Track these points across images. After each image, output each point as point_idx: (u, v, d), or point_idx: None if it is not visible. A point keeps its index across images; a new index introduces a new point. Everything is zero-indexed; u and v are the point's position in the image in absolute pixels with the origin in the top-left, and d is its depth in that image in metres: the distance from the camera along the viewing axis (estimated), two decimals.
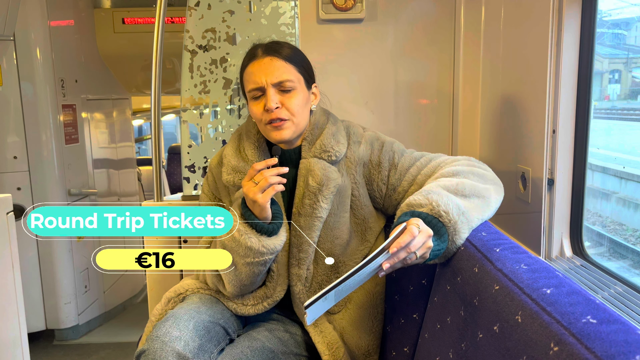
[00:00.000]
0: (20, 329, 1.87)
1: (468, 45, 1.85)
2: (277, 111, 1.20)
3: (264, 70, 1.21)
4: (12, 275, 1.82)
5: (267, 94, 1.20)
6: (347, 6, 1.81)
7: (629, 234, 2.06)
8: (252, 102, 1.24)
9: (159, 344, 1.08)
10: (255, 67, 1.23)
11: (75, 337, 3.15)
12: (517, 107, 1.55)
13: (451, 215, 1.04)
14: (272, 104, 1.19)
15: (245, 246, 1.15)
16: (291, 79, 1.22)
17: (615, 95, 2.01)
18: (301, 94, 1.24)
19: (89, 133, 3.39)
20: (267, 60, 1.22)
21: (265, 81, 1.21)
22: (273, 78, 1.21)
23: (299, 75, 1.24)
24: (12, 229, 1.83)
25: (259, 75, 1.21)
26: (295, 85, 1.23)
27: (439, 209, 1.04)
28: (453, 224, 1.04)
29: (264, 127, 1.24)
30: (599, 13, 1.32)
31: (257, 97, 1.23)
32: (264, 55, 1.23)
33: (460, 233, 1.05)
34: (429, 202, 1.06)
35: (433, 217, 1.05)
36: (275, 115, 1.20)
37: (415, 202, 1.08)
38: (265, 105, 1.20)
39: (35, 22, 2.87)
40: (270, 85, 1.21)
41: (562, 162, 1.37)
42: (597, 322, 0.65)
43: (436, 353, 1.02)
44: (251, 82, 1.23)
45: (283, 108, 1.21)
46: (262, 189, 1.12)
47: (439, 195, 1.07)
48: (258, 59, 1.23)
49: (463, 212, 1.06)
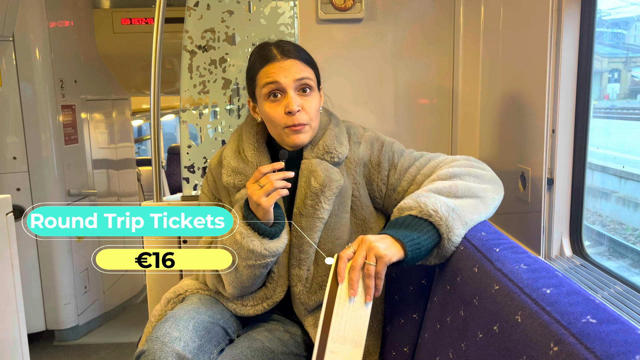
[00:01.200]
0: (20, 330, 1.87)
1: (467, 45, 1.85)
2: (299, 114, 1.19)
3: (285, 70, 1.19)
4: (12, 275, 1.82)
5: (289, 95, 1.18)
6: (346, 6, 1.81)
7: (628, 233, 2.07)
8: (269, 104, 1.21)
9: (158, 345, 1.08)
10: (274, 67, 1.19)
11: (75, 337, 3.15)
12: (516, 106, 1.55)
13: (440, 213, 1.05)
14: (295, 106, 1.17)
15: (247, 249, 1.15)
16: (309, 78, 1.21)
17: (615, 95, 2.02)
18: (317, 96, 1.24)
19: (89, 133, 3.39)
20: (287, 62, 1.19)
21: (286, 81, 1.18)
22: (295, 75, 1.19)
23: (314, 77, 1.24)
24: (12, 230, 1.83)
25: (280, 74, 1.18)
26: (313, 85, 1.22)
27: (427, 208, 1.05)
28: (444, 221, 1.04)
29: (280, 131, 1.22)
30: (598, 12, 1.32)
31: (274, 99, 1.20)
32: (283, 58, 1.20)
33: (454, 229, 1.05)
34: (418, 204, 1.07)
35: (421, 218, 1.06)
36: (297, 120, 1.18)
37: (405, 206, 1.10)
38: (286, 107, 1.18)
39: (34, 22, 2.87)
40: (292, 85, 1.18)
41: (561, 161, 1.37)
42: (597, 322, 0.65)
43: (436, 353, 1.02)
44: (269, 79, 1.19)
45: (302, 112, 1.20)
46: (267, 193, 1.12)
47: (427, 198, 1.08)
48: (277, 61, 1.20)
49: (453, 209, 1.06)
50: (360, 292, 1.02)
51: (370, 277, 1.01)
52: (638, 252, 1.88)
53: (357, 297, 1.01)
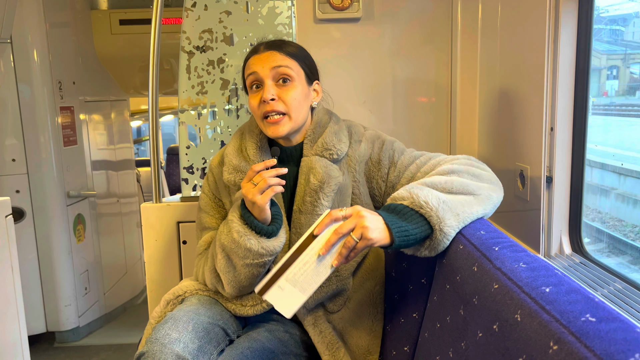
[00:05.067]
0: (21, 332, 1.87)
1: (465, 43, 1.84)
2: (273, 103, 1.21)
3: (263, 60, 1.23)
4: (12, 278, 1.82)
5: (265, 85, 1.22)
6: (343, 5, 1.81)
7: (628, 229, 2.07)
8: (251, 95, 1.26)
9: (158, 347, 1.08)
10: (255, 59, 1.25)
11: (75, 339, 3.15)
12: (515, 104, 1.55)
13: (431, 204, 1.05)
14: (268, 95, 1.20)
15: (245, 248, 1.15)
16: (289, 67, 1.23)
17: (613, 92, 2.01)
18: (300, 87, 1.24)
19: (88, 135, 3.38)
20: (268, 53, 1.24)
21: (263, 70, 1.22)
22: (272, 64, 1.22)
23: (299, 69, 1.25)
24: (11, 232, 1.83)
25: (258, 64, 1.23)
26: (293, 76, 1.23)
27: (419, 199, 1.05)
28: (435, 212, 1.04)
29: (261, 123, 1.25)
30: (596, 9, 1.31)
31: (255, 90, 1.24)
32: (265, 50, 1.25)
33: (445, 220, 1.04)
34: (410, 195, 1.07)
35: (412, 209, 1.06)
36: (270, 108, 1.21)
37: (398, 196, 1.10)
38: (261, 96, 1.21)
39: (32, 24, 2.86)
40: (268, 74, 1.22)
41: (560, 159, 1.36)
42: (596, 320, 0.65)
43: (436, 352, 1.02)
44: (249, 71, 1.25)
45: (279, 101, 1.22)
46: (261, 190, 1.12)
47: (420, 190, 1.08)
48: (260, 53, 1.25)
49: (444, 201, 1.06)
50: (330, 254, 1.03)
51: (348, 249, 1.02)
52: (637, 248, 1.88)
53: (326, 256, 1.03)
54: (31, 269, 2.97)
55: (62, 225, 3.03)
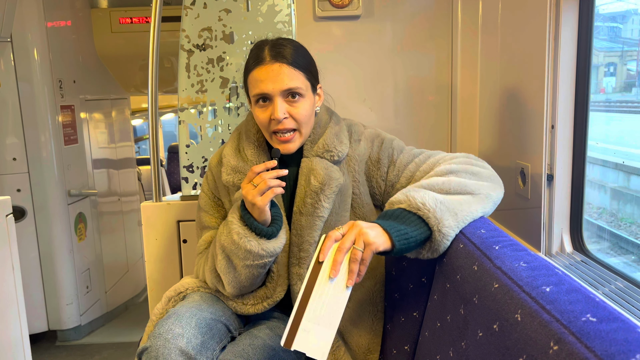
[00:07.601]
0: (22, 331, 1.87)
1: (466, 41, 1.84)
2: (285, 122, 1.18)
3: (272, 78, 1.17)
4: (13, 277, 1.83)
5: (275, 103, 1.17)
6: (343, 3, 1.80)
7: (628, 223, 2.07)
8: (258, 108, 1.21)
9: (161, 341, 1.08)
10: (262, 73, 1.18)
11: (77, 337, 3.16)
12: (515, 102, 1.54)
13: (428, 206, 1.04)
14: (280, 114, 1.16)
15: (245, 249, 1.15)
16: (300, 87, 1.19)
17: (611, 88, 2.01)
18: (308, 101, 1.21)
19: (88, 133, 3.39)
20: (275, 67, 1.17)
21: (272, 89, 1.17)
22: (282, 85, 1.17)
23: (306, 82, 1.21)
24: (12, 231, 1.83)
25: (266, 82, 1.17)
26: (303, 92, 1.20)
27: (416, 202, 1.05)
28: (432, 213, 1.04)
29: (268, 135, 1.23)
30: (595, 7, 1.31)
31: (262, 104, 1.20)
32: (272, 62, 1.18)
33: (443, 220, 1.04)
34: (407, 198, 1.07)
35: (410, 212, 1.06)
36: (282, 126, 1.18)
37: (395, 200, 1.10)
38: (272, 114, 1.18)
39: (32, 23, 2.86)
40: (278, 94, 1.17)
41: (561, 157, 1.36)
42: (597, 320, 0.64)
43: (436, 351, 1.02)
44: (257, 88, 1.19)
45: (290, 118, 1.19)
46: (261, 192, 1.11)
47: (416, 192, 1.08)
48: (265, 64, 1.18)
49: (441, 202, 1.06)
50: (342, 275, 1.02)
51: (356, 262, 1.01)
52: (638, 245, 1.88)
53: (338, 279, 1.01)
54: (33, 268, 2.97)
55: (63, 224, 3.04)
